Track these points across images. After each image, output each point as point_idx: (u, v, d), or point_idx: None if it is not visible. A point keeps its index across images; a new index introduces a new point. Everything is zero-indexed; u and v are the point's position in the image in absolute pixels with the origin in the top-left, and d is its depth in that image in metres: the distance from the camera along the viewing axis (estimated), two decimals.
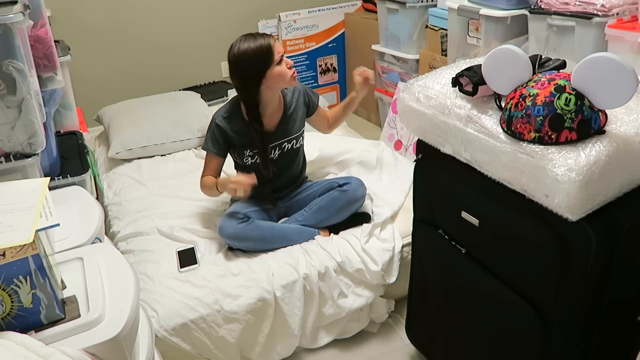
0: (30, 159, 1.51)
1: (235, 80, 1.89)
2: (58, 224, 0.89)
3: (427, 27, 3.00)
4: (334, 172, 2.41)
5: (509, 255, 1.27)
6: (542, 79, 1.13)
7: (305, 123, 2.13)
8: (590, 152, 1.05)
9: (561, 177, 1.03)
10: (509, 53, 1.18)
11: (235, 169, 2.09)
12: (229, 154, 2.03)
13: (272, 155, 2.01)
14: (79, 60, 2.95)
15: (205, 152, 2.02)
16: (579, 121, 1.07)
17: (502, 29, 2.43)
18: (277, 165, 2.03)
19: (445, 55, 2.85)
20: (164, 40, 3.69)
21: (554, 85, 1.10)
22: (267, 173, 1.98)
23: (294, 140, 2.04)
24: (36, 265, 0.86)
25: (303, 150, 2.15)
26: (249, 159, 1.99)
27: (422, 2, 3.03)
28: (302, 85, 2.10)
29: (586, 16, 2.01)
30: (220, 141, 1.96)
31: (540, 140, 1.10)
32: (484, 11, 2.43)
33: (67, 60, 2.20)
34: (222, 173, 2.04)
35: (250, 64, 1.83)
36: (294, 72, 1.91)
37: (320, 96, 2.26)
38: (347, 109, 2.22)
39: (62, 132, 2.21)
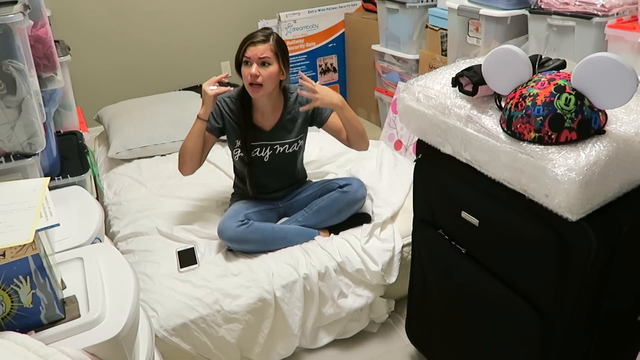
0: (30, 159, 1.50)
1: None
2: (58, 224, 0.89)
3: (427, 27, 3.00)
4: (334, 172, 2.41)
5: (509, 255, 1.27)
6: (542, 79, 1.13)
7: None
8: (590, 152, 1.05)
9: (561, 177, 1.03)
10: (509, 53, 1.18)
11: (234, 172, 2.13)
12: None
13: (262, 154, 2.01)
14: (79, 60, 2.95)
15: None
16: (579, 121, 1.07)
17: (502, 29, 2.43)
18: (270, 166, 2.03)
19: (445, 55, 2.85)
20: (164, 40, 3.69)
21: (554, 85, 1.10)
22: (248, 159, 1.99)
23: (287, 145, 2.02)
24: (36, 265, 0.86)
25: (301, 156, 2.13)
26: (238, 150, 2.00)
27: (422, 2, 3.03)
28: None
29: (586, 16, 2.01)
30: (215, 117, 1.98)
31: (540, 140, 1.10)
32: (484, 11, 2.43)
33: (67, 60, 2.19)
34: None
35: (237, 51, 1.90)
36: (253, 83, 1.84)
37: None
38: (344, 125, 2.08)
39: (62, 132, 2.20)
